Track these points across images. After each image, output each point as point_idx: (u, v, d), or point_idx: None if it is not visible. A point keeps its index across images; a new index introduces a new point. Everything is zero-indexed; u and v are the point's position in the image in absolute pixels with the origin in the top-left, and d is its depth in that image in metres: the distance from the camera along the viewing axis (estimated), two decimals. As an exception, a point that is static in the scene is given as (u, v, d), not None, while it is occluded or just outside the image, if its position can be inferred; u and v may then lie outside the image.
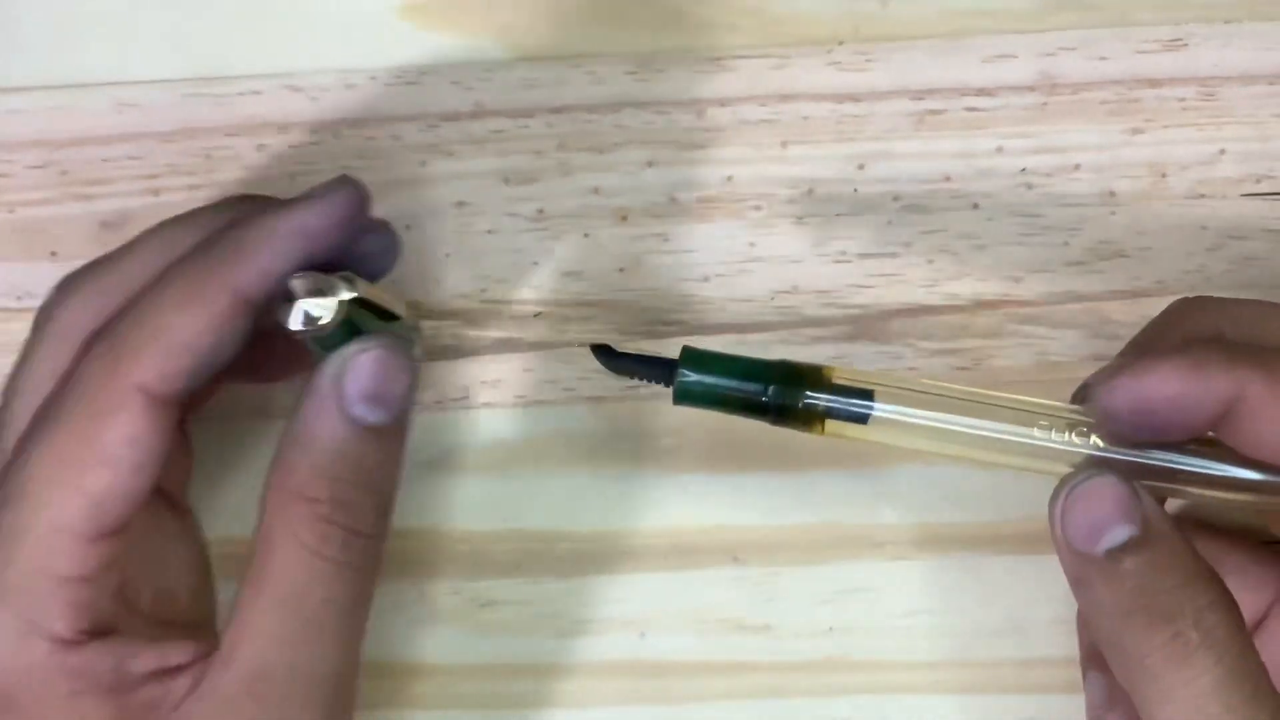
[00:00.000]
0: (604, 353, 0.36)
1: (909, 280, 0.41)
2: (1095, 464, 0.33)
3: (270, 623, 0.32)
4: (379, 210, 0.41)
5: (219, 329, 0.33)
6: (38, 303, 0.41)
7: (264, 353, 0.36)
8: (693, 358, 0.35)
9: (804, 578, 0.41)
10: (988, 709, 0.40)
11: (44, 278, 0.41)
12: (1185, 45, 0.41)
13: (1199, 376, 0.32)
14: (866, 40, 0.42)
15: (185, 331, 0.33)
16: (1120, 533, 0.31)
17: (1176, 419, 0.32)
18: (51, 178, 0.42)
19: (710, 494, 0.41)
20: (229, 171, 0.42)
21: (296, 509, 0.32)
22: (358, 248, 0.36)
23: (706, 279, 0.41)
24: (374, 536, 0.33)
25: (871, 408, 0.34)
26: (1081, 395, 0.34)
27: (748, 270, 0.41)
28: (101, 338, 0.33)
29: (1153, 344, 0.35)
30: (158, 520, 0.36)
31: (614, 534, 0.41)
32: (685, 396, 0.35)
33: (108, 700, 0.32)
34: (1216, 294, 0.40)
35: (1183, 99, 0.41)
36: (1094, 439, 0.34)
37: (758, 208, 0.41)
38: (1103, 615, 0.31)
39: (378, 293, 0.35)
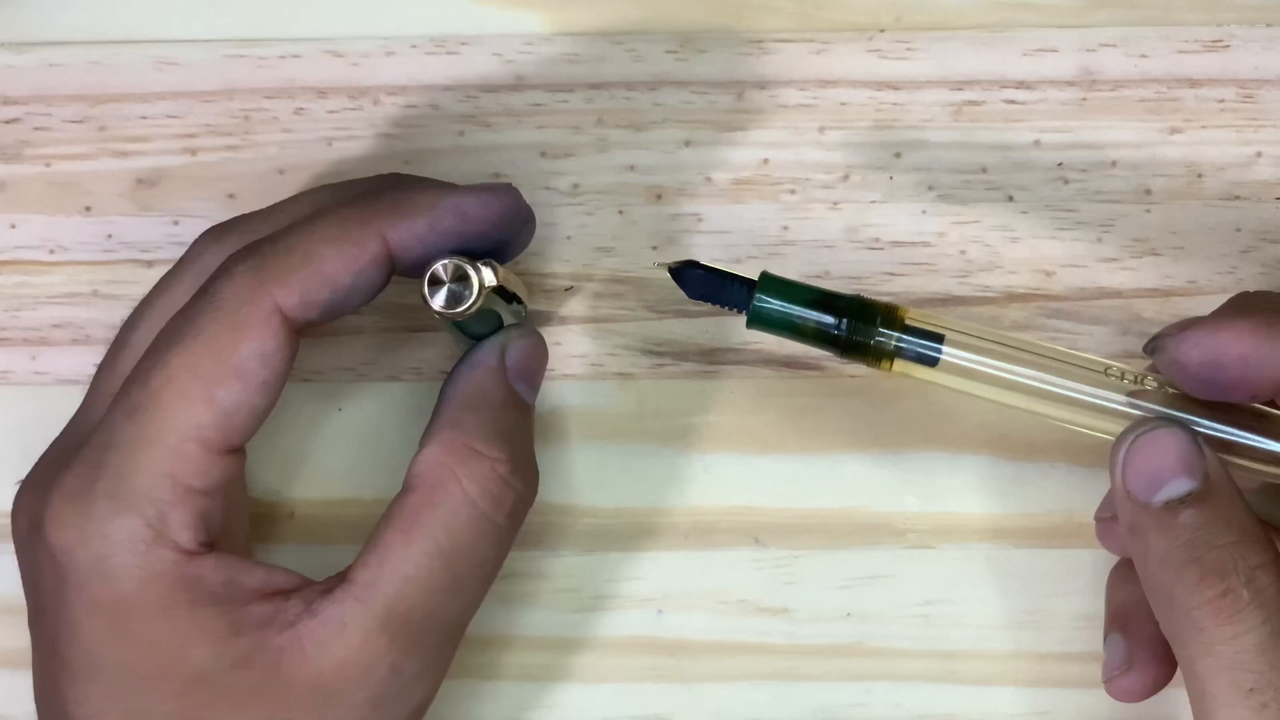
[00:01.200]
0: (682, 271, 0.36)
1: (941, 270, 0.41)
2: (1160, 418, 0.33)
3: (423, 570, 0.33)
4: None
5: (363, 271, 0.34)
6: (70, 256, 0.41)
7: None
8: (771, 283, 0.35)
9: (824, 562, 0.41)
10: (1003, 701, 0.40)
11: (77, 232, 0.41)
12: (1226, 46, 0.41)
13: (1270, 335, 0.32)
14: (908, 29, 0.42)
15: (333, 264, 0.34)
16: (1180, 485, 0.32)
17: (1244, 377, 0.33)
18: (89, 133, 0.42)
19: (733, 475, 0.41)
20: (267, 133, 0.42)
21: (477, 464, 0.33)
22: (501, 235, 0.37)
23: (739, 260, 0.41)
24: (530, 507, 0.35)
25: (941, 350, 0.35)
26: (1152, 346, 0.34)
27: (780, 253, 0.41)
28: (243, 257, 0.34)
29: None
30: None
31: (635, 511, 0.41)
32: (759, 319, 0.35)
33: (222, 612, 0.33)
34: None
35: (1222, 100, 0.41)
36: (1153, 402, 0.34)
37: (792, 191, 0.41)
38: (1154, 564, 0.32)
39: (512, 279, 0.37)
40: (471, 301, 0.36)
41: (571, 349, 0.41)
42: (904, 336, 0.35)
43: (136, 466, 0.32)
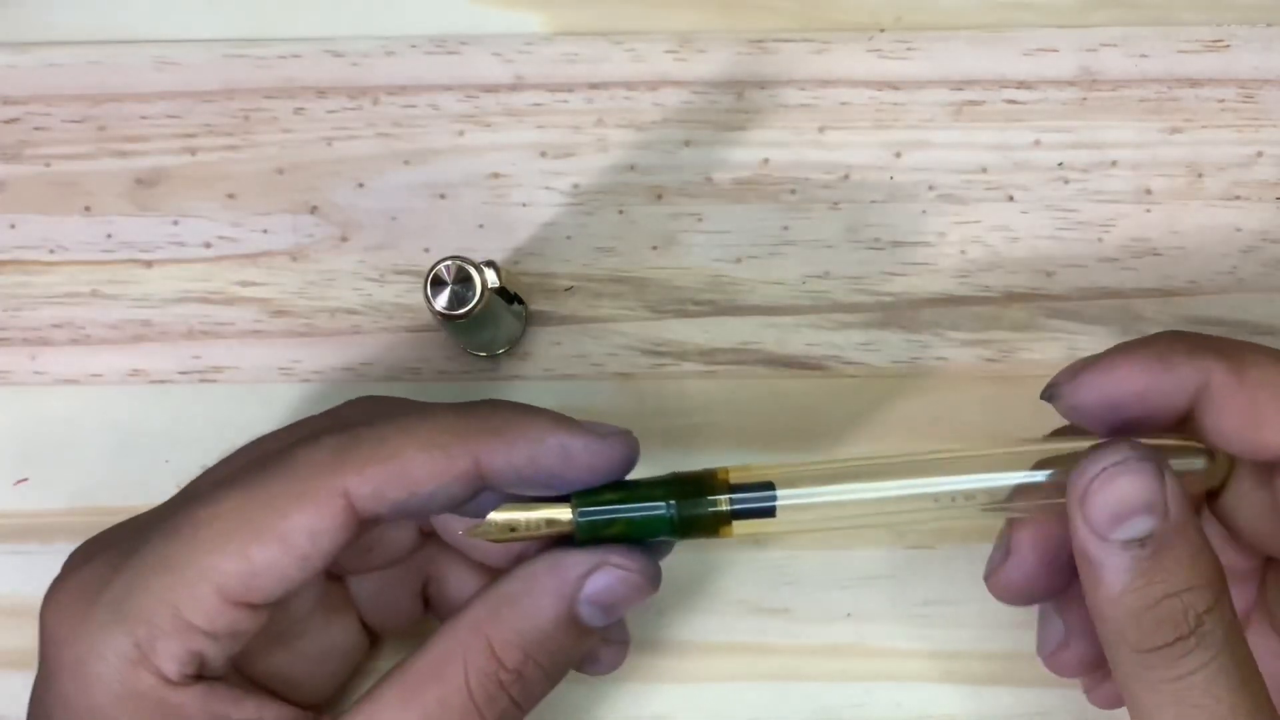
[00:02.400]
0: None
1: (941, 270, 0.41)
2: (1128, 445, 0.32)
3: None
4: (414, 177, 0.41)
5: (447, 485, 0.33)
6: (70, 256, 0.41)
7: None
8: (585, 495, 0.33)
9: (824, 563, 0.41)
10: (1002, 701, 0.40)
11: (77, 232, 0.42)
12: (1227, 46, 0.41)
13: (1164, 367, 0.32)
14: (908, 29, 0.42)
15: (418, 469, 0.32)
16: (1142, 524, 0.31)
17: (1144, 412, 0.32)
18: (89, 133, 0.42)
19: (734, 475, 0.41)
20: (267, 133, 0.42)
21: (482, 660, 0.32)
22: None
23: (739, 260, 0.41)
24: (525, 713, 0.33)
25: (775, 497, 0.33)
26: (1049, 394, 0.34)
27: (780, 253, 0.41)
28: (336, 432, 0.33)
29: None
30: (314, 605, 0.36)
31: (636, 511, 0.41)
32: (588, 532, 0.33)
33: None
34: (1248, 297, 0.41)
35: (1222, 100, 0.41)
36: (1008, 476, 0.33)
37: (793, 191, 0.41)
38: (1104, 600, 0.31)
39: (514, 280, 0.38)
40: (474, 303, 0.36)
41: (572, 349, 0.41)
42: (735, 496, 0.33)
43: (146, 587, 0.32)
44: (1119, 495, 0.31)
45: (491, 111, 0.42)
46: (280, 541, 0.32)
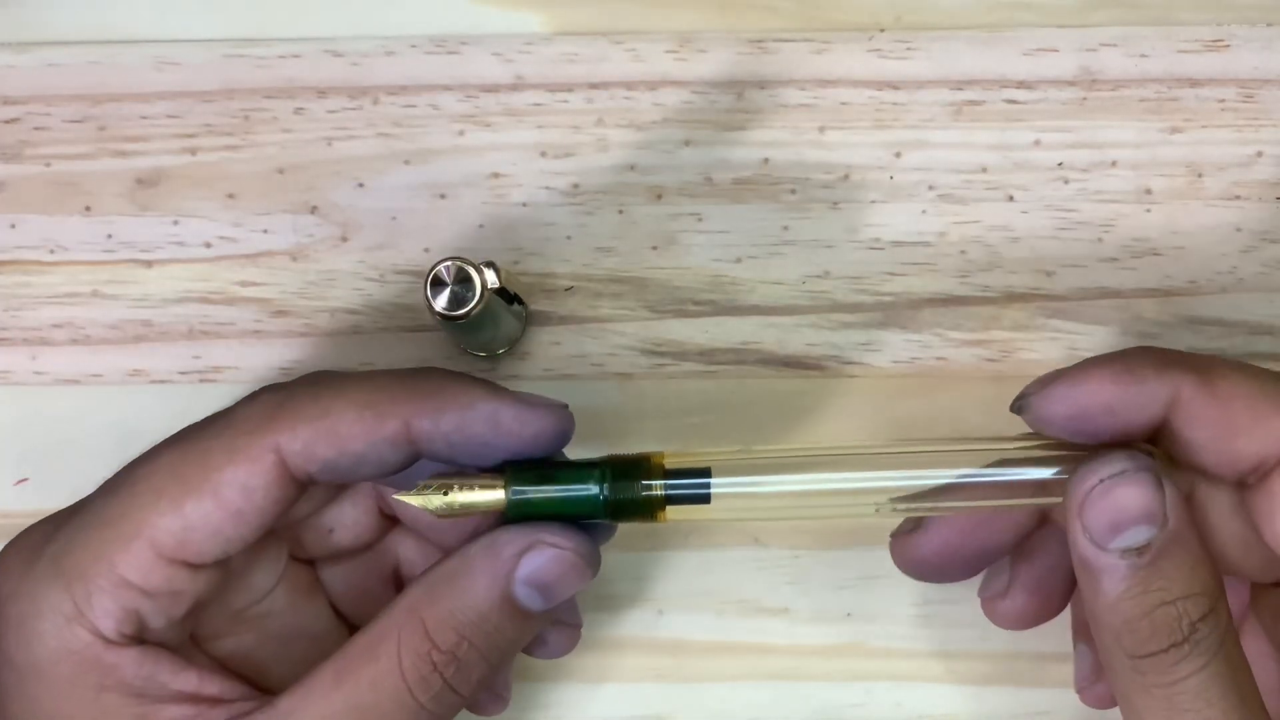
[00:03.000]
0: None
1: (941, 270, 0.41)
2: (1127, 453, 0.32)
3: (336, 716, 0.32)
4: (414, 177, 0.41)
5: (375, 445, 0.33)
6: (70, 256, 0.41)
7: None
8: (519, 472, 0.33)
9: (824, 562, 0.41)
10: (1002, 701, 0.40)
11: (77, 232, 0.42)
12: (1227, 46, 0.41)
13: (1132, 381, 0.32)
14: (908, 28, 0.42)
15: (347, 428, 0.33)
16: (1140, 534, 0.31)
17: (1112, 425, 0.32)
18: (89, 133, 0.42)
19: (734, 475, 0.41)
20: (267, 133, 0.42)
21: (416, 641, 0.32)
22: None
23: (739, 260, 0.41)
24: (464, 698, 0.33)
25: (710, 484, 0.33)
26: (1019, 405, 0.34)
27: (780, 253, 0.41)
28: (272, 391, 0.34)
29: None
30: (275, 583, 0.36)
31: (636, 511, 0.41)
32: (520, 510, 0.33)
33: (132, 704, 0.32)
34: (1248, 296, 0.41)
35: (1222, 100, 0.41)
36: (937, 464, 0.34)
37: (793, 191, 0.41)
38: (1102, 606, 0.31)
39: (514, 281, 0.38)
40: (474, 304, 0.36)
41: (572, 349, 0.41)
42: (669, 482, 0.33)
43: (84, 542, 0.32)
44: (1118, 504, 0.31)
45: (491, 111, 0.42)
46: (213, 495, 0.32)
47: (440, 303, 0.36)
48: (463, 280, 0.36)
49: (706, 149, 0.41)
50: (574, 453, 0.40)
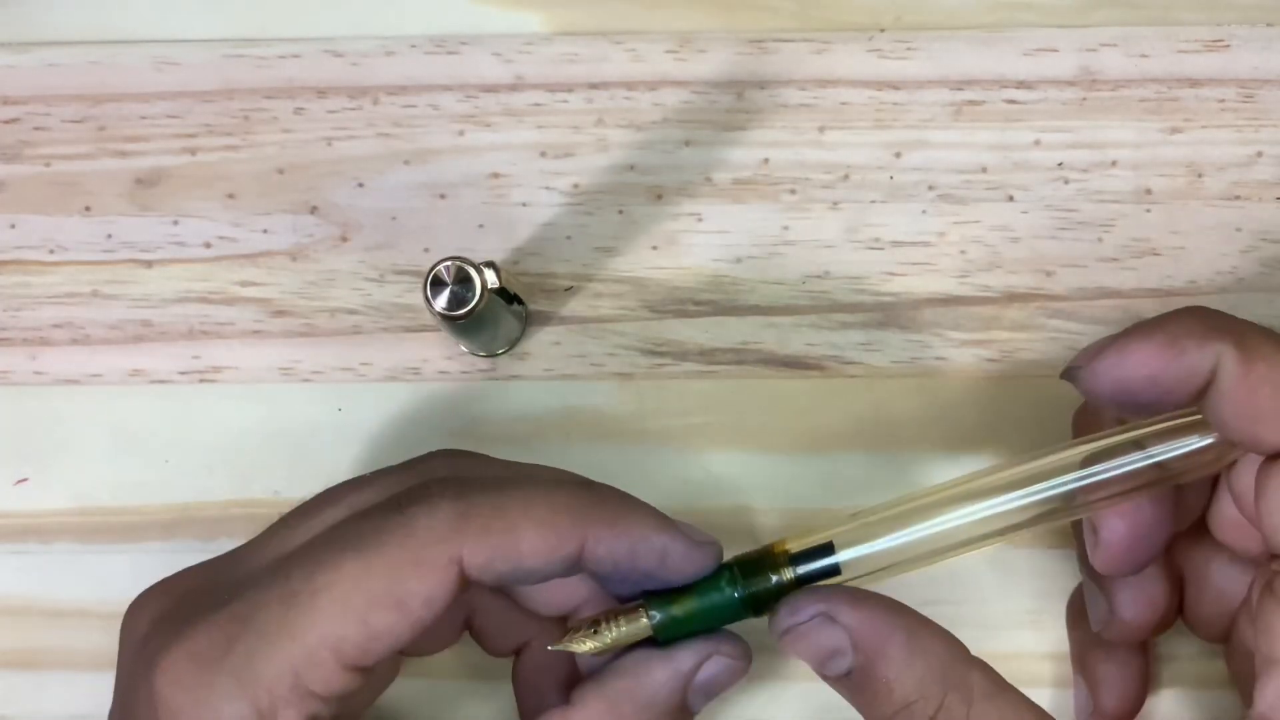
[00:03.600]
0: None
1: (941, 270, 0.41)
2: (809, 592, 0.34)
3: None
4: (414, 177, 0.41)
5: (554, 565, 0.33)
6: (70, 256, 0.41)
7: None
8: (663, 620, 0.34)
9: (824, 562, 0.41)
10: (1003, 701, 0.40)
11: (77, 232, 0.42)
12: (1227, 46, 0.41)
13: (1175, 353, 0.33)
14: (908, 28, 0.42)
15: (530, 546, 0.33)
16: (841, 663, 0.33)
17: (1157, 396, 0.33)
18: (89, 133, 0.42)
19: (734, 474, 0.41)
20: (267, 134, 0.42)
21: None
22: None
23: (739, 260, 0.41)
24: None
25: (836, 558, 0.34)
26: (1070, 373, 0.34)
27: (780, 253, 0.41)
28: (452, 495, 0.33)
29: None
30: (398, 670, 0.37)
31: (636, 511, 0.41)
32: (669, 630, 0.34)
33: None
34: (1248, 296, 0.41)
35: (1222, 100, 0.41)
36: (1047, 487, 0.34)
37: (793, 191, 0.41)
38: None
39: (514, 281, 0.38)
40: (474, 304, 0.36)
41: (572, 349, 0.41)
42: (798, 569, 0.34)
43: (269, 656, 0.32)
44: (813, 647, 0.34)
45: (491, 111, 0.42)
46: (398, 608, 0.32)
47: (440, 303, 0.36)
48: (463, 280, 0.36)
49: (706, 149, 0.41)
50: (583, 453, 0.41)
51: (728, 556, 0.35)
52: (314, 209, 0.42)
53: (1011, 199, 0.41)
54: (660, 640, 0.34)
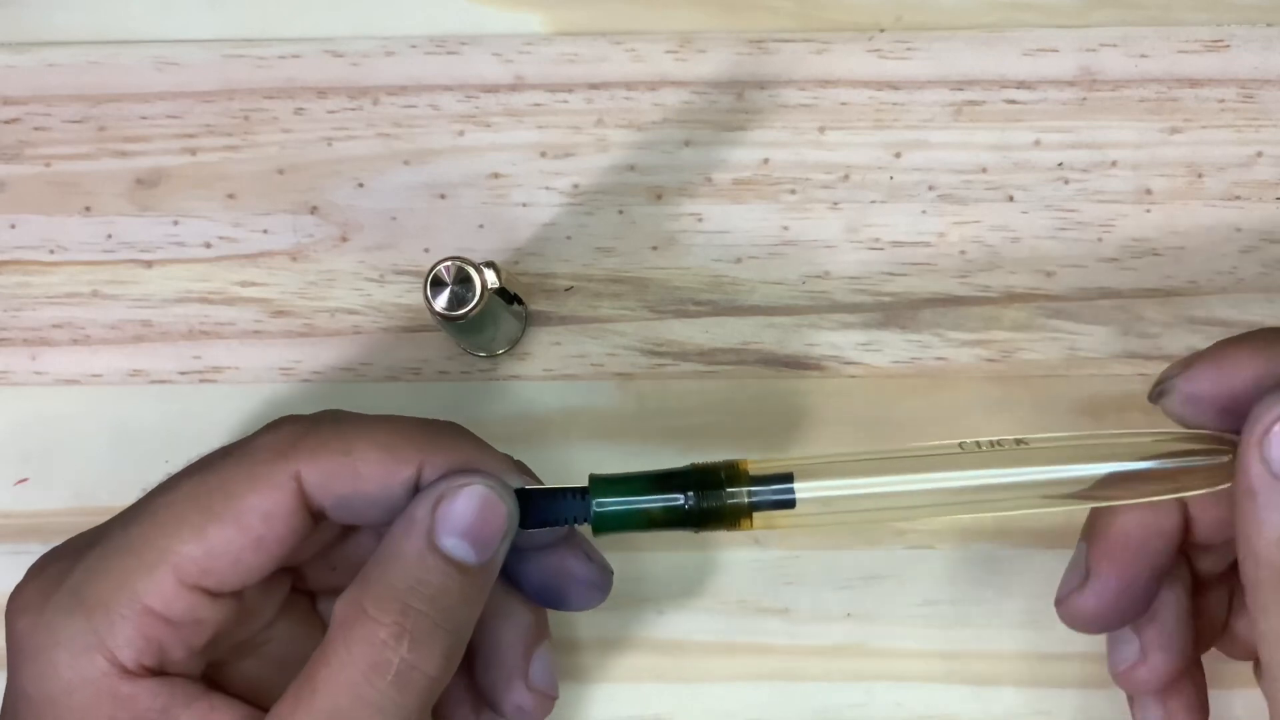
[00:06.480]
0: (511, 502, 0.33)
1: (941, 270, 0.41)
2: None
3: None
4: (414, 177, 0.41)
5: (389, 490, 0.33)
6: (70, 256, 0.41)
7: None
8: (602, 483, 0.33)
9: (824, 562, 0.41)
10: (1002, 701, 0.40)
11: (77, 232, 0.42)
12: (1227, 46, 0.41)
13: (1274, 356, 0.32)
14: (908, 29, 0.42)
15: (368, 468, 0.33)
16: None
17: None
18: (89, 133, 0.42)
19: (734, 475, 0.41)
20: (267, 134, 0.42)
21: (360, 627, 0.31)
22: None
23: (739, 260, 0.41)
24: (434, 678, 0.32)
25: (793, 490, 0.33)
26: (1159, 391, 0.33)
27: (780, 253, 0.41)
28: (295, 421, 0.33)
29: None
30: (278, 613, 0.36)
31: (636, 511, 0.41)
32: (605, 524, 0.33)
33: None
34: (1248, 296, 0.41)
35: (1222, 100, 0.41)
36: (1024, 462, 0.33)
37: (793, 191, 0.41)
38: (1263, 541, 0.31)
39: (514, 281, 0.38)
40: (474, 304, 0.36)
41: (572, 349, 0.41)
42: (753, 489, 0.33)
43: (106, 571, 0.32)
44: None
45: (491, 111, 0.42)
46: (235, 522, 0.32)
47: (440, 303, 0.36)
48: (463, 280, 0.36)
49: (706, 149, 0.41)
50: (583, 453, 0.41)
51: (602, 476, 0.33)
52: (314, 209, 0.42)
53: (1011, 199, 0.41)
54: (595, 532, 0.33)
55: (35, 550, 0.40)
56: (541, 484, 0.34)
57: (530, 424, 0.41)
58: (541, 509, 0.33)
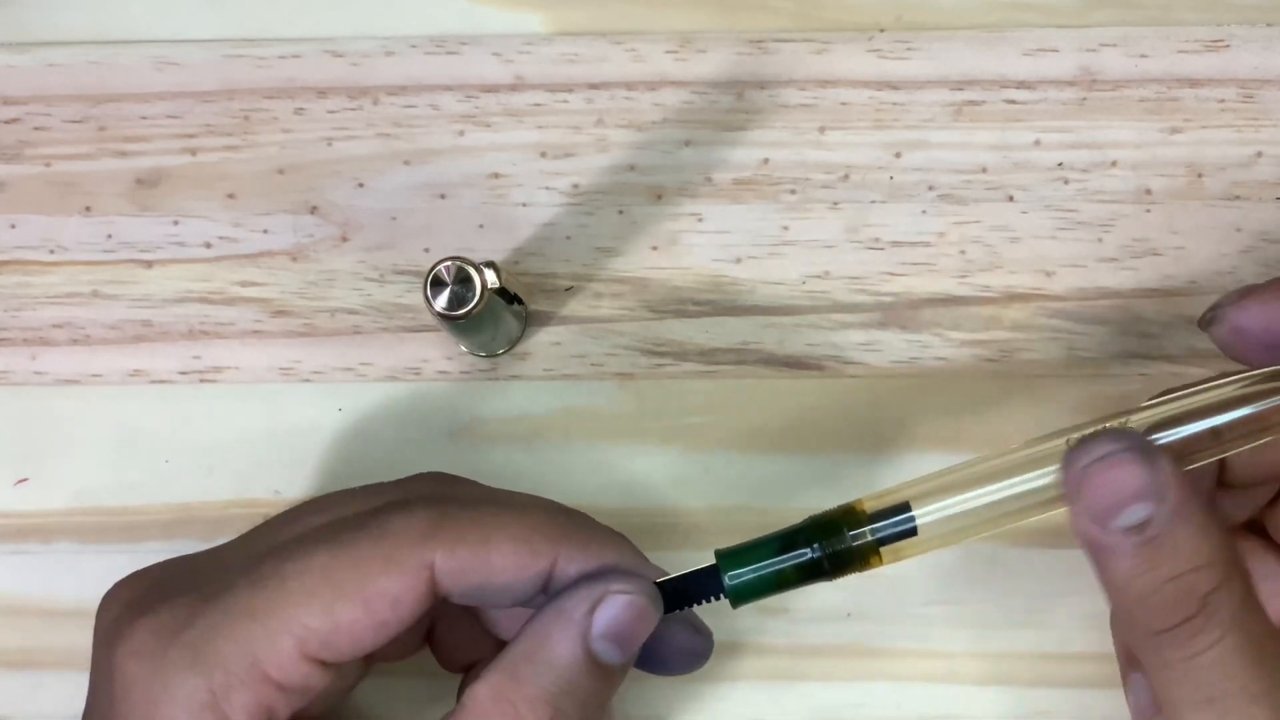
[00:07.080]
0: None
1: (941, 270, 0.41)
2: (1112, 432, 0.32)
3: None
4: (414, 177, 0.41)
5: (522, 580, 0.33)
6: (70, 256, 0.41)
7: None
8: (729, 557, 0.34)
9: (824, 562, 0.41)
10: (1003, 700, 0.40)
11: (77, 232, 0.42)
12: (1227, 46, 0.41)
13: None
14: (908, 28, 0.42)
15: (501, 560, 0.33)
16: (1138, 511, 0.30)
17: None
18: (89, 133, 0.42)
19: (734, 474, 0.41)
20: (267, 134, 0.42)
21: None
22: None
23: (739, 260, 0.41)
24: None
25: (914, 517, 0.33)
26: (1209, 318, 0.34)
27: (780, 253, 0.41)
28: (431, 504, 0.33)
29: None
30: (362, 675, 0.37)
31: (636, 510, 0.41)
32: (742, 595, 0.34)
33: None
34: (1248, 296, 0.41)
35: (1222, 100, 0.41)
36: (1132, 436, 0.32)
37: (792, 191, 0.41)
38: (1114, 587, 0.31)
39: (514, 281, 0.38)
40: (474, 304, 0.36)
41: (572, 349, 0.41)
42: (875, 526, 0.33)
43: (229, 634, 0.32)
44: (1112, 483, 0.31)
45: (491, 111, 0.42)
46: (365, 604, 0.32)
47: (440, 303, 0.36)
48: (463, 280, 0.36)
49: (706, 149, 0.41)
50: (583, 453, 0.41)
51: (727, 550, 0.34)
52: (314, 209, 0.42)
53: (1011, 199, 0.41)
54: (733, 604, 0.34)
55: (35, 550, 0.41)
56: (665, 573, 0.34)
57: (530, 424, 0.41)
58: (678, 595, 0.34)
